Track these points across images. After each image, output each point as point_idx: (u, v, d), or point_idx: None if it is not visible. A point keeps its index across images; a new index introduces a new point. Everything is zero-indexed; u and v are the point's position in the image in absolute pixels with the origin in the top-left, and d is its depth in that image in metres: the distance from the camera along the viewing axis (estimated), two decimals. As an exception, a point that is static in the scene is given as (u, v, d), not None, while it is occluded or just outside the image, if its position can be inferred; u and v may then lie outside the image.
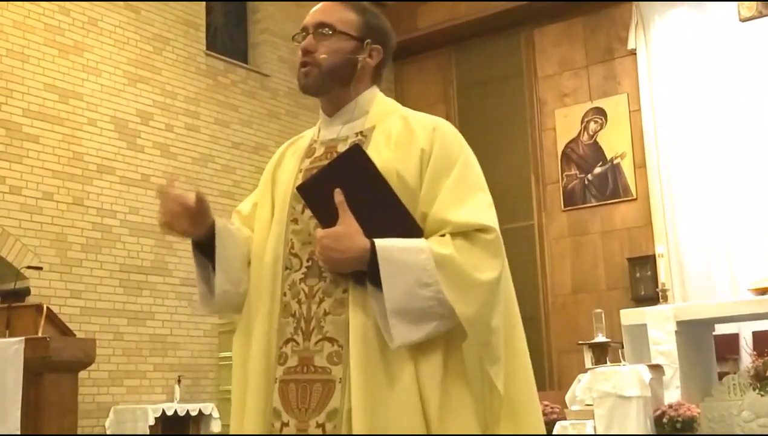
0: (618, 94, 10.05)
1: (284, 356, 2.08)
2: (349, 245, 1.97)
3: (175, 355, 8.44)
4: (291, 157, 2.30)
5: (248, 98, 9.70)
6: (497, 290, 2.02)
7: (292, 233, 2.14)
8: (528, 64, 10.74)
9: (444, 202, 2.03)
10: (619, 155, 9.92)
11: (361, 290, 2.01)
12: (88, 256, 7.88)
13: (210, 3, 9.68)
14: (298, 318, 2.08)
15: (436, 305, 1.95)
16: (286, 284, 2.12)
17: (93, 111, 8.12)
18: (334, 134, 2.23)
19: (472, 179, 2.10)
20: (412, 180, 2.06)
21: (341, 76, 2.19)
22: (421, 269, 1.94)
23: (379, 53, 2.24)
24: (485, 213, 2.04)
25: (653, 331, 6.63)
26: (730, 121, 9.13)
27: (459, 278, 1.96)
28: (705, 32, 9.39)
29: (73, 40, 8.06)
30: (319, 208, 2.05)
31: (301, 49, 2.20)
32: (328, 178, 2.03)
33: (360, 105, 2.23)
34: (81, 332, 7.37)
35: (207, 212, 2.17)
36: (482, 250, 1.99)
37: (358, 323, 1.99)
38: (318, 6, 2.27)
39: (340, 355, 2.01)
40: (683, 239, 9.30)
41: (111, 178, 8.16)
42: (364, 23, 2.22)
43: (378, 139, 2.15)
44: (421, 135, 2.11)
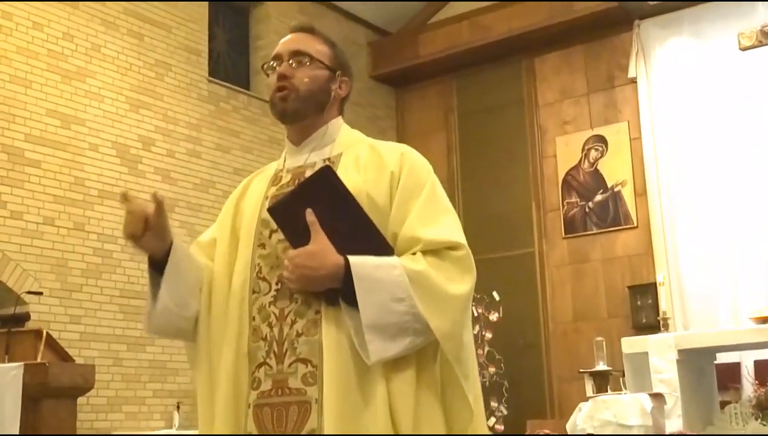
0: (619, 122, 10.08)
1: (257, 381, 2.08)
2: (323, 262, 1.99)
3: (174, 381, 8.40)
4: (256, 186, 2.32)
5: (250, 124, 9.73)
6: (468, 306, 2.07)
7: (259, 257, 2.16)
8: (529, 91, 10.78)
9: (414, 221, 2.07)
10: (619, 183, 9.93)
11: (333, 310, 2.02)
12: (88, 281, 7.87)
13: (212, 30, 9.74)
14: (269, 341, 2.08)
15: (411, 319, 1.97)
16: (255, 308, 2.12)
17: (95, 136, 8.14)
18: (300, 161, 2.27)
19: (441, 201, 2.15)
20: (383, 201, 2.09)
21: (317, 103, 2.26)
22: (394, 284, 1.97)
23: (347, 85, 2.34)
24: (455, 231, 2.09)
25: (654, 359, 6.60)
26: (730, 150, 9.15)
27: (432, 293, 1.99)
28: (705, 61, 9.44)
29: (76, 66, 8.10)
30: (291, 229, 2.06)
31: (278, 75, 2.25)
32: (299, 198, 2.05)
33: (328, 133, 2.29)
34: (80, 358, 7.35)
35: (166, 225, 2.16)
36: (453, 265, 2.04)
37: (332, 342, 2.00)
38: (289, 37, 2.33)
39: (314, 375, 2.02)
40: (684, 267, 9.29)
41: (112, 204, 8.17)
42: (335, 56, 2.32)
43: (347, 164, 2.19)
44: (390, 159, 2.16)
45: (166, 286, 2.16)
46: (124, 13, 8.60)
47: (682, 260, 9.32)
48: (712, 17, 9.43)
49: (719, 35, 9.21)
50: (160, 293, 2.16)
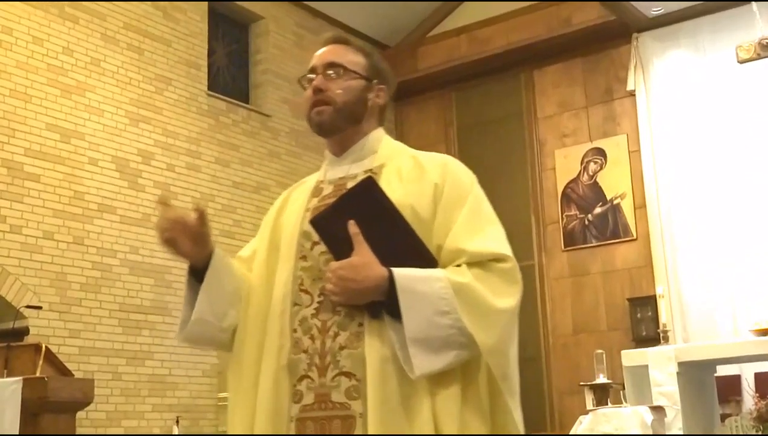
0: (617, 134, 10.10)
1: (299, 394, 2.05)
2: (367, 275, 1.96)
3: (173, 395, 8.39)
4: (296, 199, 2.30)
5: (249, 138, 9.74)
6: (514, 319, 2.01)
7: (301, 269, 2.12)
8: (528, 104, 10.80)
9: (459, 233, 2.03)
10: (619, 196, 9.94)
11: (377, 323, 1.99)
12: (87, 295, 7.87)
13: (212, 44, 9.76)
14: (311, 354, 2.05)
15: (455, 333, 1.93)
16: (296, 320, 2.09)
17: (94, 150, 8.15)
18: (342, 173, 2.24)
19: (486, 212, 2.11)
20: (426, 213, 2.06)
21: (353, 114, 2.22)
22: (439, 297, 1.93)
23: (385, 94, 2.29)
24: (500, 243, 2.05)
25: (655, 372, 6.59)
26: (729, 162, 9.16)
27: (477, 306, 1.95)
28: (703, 74, 9.46)
29: (75, 81, 8.11)
30: (333, 241, 2.03)
31: (313, 88, 2.23)
32: (342, 210, 2.02)
33: (368, 144, 2.25)
34: (79, 372, 7.33)
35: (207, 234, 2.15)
36: (499, 278, 1.99)
37: (375, 356, 1.97)
38: (324, 49, 2.32)
39: (358, 389, 1.98)
40: (684, 279, 9.29)
41: (111, 218, 8.17)
42: (371, 65, 2.27)
43: (389, 176, 2.15)
44: (433, 171, 2.13)
45: (203, 296, 2.14)
46: (123, 28, 8.63)
47: (681, 272, 9.31)
48: (710, 30, 9.46)
49: (717, 48, 9.24)
50: (197, 302, 2.14)
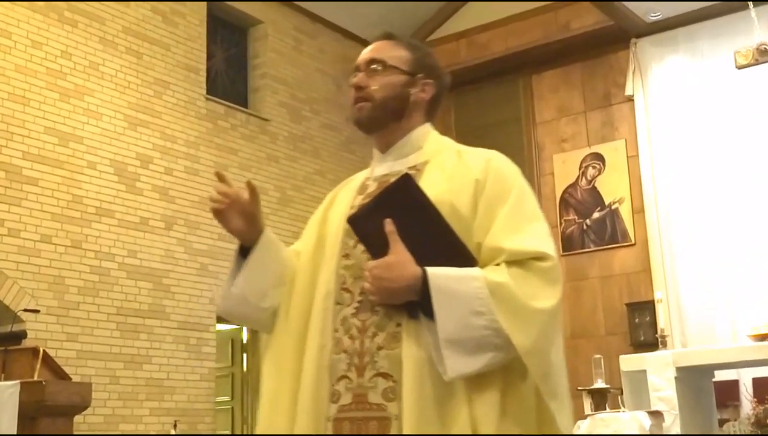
0: (616, 139, 10.11)
1: (337, 394, 2.03)
2: (401, 274, 1.93)
3: (171, 399, 8.37)
4: (343, 197, 2.29)
5: (248, 142, 9.74)
6: (555, 320, 1.95)
7: (343, 268, 2.11)
8: (526, 109, 10.80)
9: (498, 230, 1.98)
10: (617, 200, 9.95)
11: (414, 324, 1.95)
12: (85, 299, 7.86)
13: (211, 48, 9.77)
14: (350, 354, 2.03)
15: (491, 334, 1.88)
16: (338, 319, 2.07)
17: (93, 154, 8.15)
18: (386, 170, 2.22)
19: (528, 209, 2.07)
20: (466, 211, 2.02)
21: (393, 110, 2.19)
22: (474, 297, 1.89)
23: (432, 88, 2.24)
24: (542, 241, 2.00)
25: (653, 377, 6.59)
26: (727, 167, 9.17)
27: (514, 306, 1.90)
28: (702, 79, 9.47)
29: (74, 84, 8.11)
30: (370, 239, 2.01)
31: (353, 86, 2.21)
32: (378, 209, 2.00)
33: (413, 140, 2.22)
34: (77, 376, 7.32)
35: (258, 213, 2.17)
36: (539, 278, 1.94)
37: (412, 357, 1.94)
38: (370, 46, 2.29)
39: (395, 391, 1.95)
40: (682, 284, 9.29)
41: (110, 222, 8.17)
42: (415, 59, 2.23)
43: (431, 173, 2.12)
44: (475, 166, 2.09)
45: (245, 273, 2.14)
46: (122, 32, 8.63)
47: (680, 277, 9.32)
48: (708, 35, 9.47)
49: (716, 53, 9.25)
50: (238, 280, 2.15)
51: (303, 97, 10.53)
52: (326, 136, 10.74)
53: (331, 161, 10.72)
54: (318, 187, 10.46)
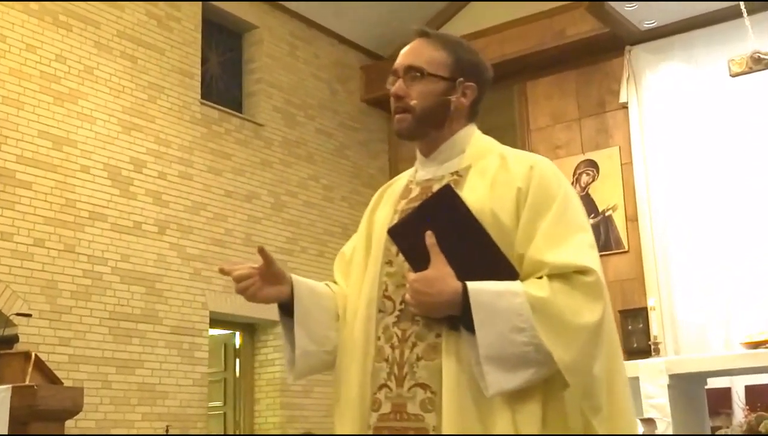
0: (610, 147, 10.12)
1: (378, 403, 2.02)
2: (441, 289, 1.90)
3: (163, 404, 8.35)
4: (388, 198, 2.26)
5: (242, 147, 9.73)
6: (599, 335, 1.90)
7: (386, 275, 2.09)
8: (521, 116, 10.81)
9: (541, 243, 1.94)
10: (610, 208, 9.95)
11: (454, 336, 1.93)
12: (78, 303, 7.84)
13: (206, 53, 9.76)
14: (391, 363, 2.02)
15: (532, 350, 1.85)
16: (380, 328, 2.06)
17: (87, 158, 8.14)
18: (429, 175, 2.18)
19: (572, 219, 2.01)
20: (508, 220, 1.98)
21: (434, 120, 2.15)
22: (515, 313, 1.86)
23: (473, 90, 2.21)
24: (585, 254, 1.96)
25: (646, 384, 6.58)
26: (721, 175, 9.18)
27: (556, 322, 1.86)
28: (696, 87, 9.49)
29: (68, 88, 8.10)
30: (410, 251, 1.99)
31: (392, 95, 2.16)
32: (419, 220, 1.97)
33: (456, 144, 2.18)
34: (69, 380, 7.30)
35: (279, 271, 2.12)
36: (581, 293, 1.90)
37: (452, 369, 1.92)
38: (407, 47, 2.22)
39: (433, 402, 1.94)
40: (675, 291, 9.29)
41: (103, 226, 8.15)
42: (455, 61, 2.18)
43: (473, 179, 2.09)
44: (518, 173, 2.05)
45: (299, 331, 2.12)
46: (117, 36, 8.62)
47: (673, 284, 9.32)
48: (702, 43, 9.49)
49: (710, 61, 9.27)
50: (296, 339, 2.12)
51: (297, 103, 10.53)
52: (320, 142, 10.74)
53: (325, 167, 10.72)
54: (311, 192, 10.45)
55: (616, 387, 1.99)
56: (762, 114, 8.90)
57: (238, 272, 2.11)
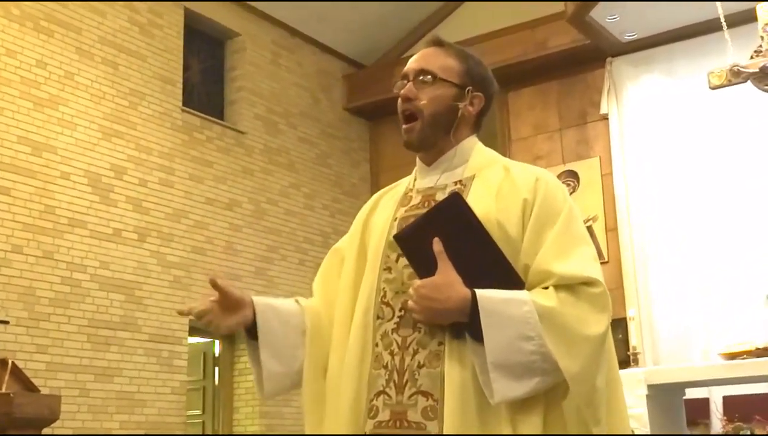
0: (590, 157, 10.16)
1: (375, 409, 2.01)
2: (450, 295, 1.90)
3: (142, 413, 8.30)
4: (386, 205, 2.25)
5: (223, 155, 9.71)
6: (603, 347, 1.94)
7: (384, 281, 2.08)
8: (502, 126, 10.85)
9: (547, 253, 1.96)
10: (591, 218, 9.99)
11: (457, 343, 1.94)
12: (56, 310, 7.78)
13: (187, 60, 9.74)
14: (390, 370, 2.01)
15: (539, 359, 1.87)
16: (378, 334, 2.05)
17: (67, 164, 8.09)
18: (431, 183, 2.18)
19: (577, 232, 2.03)
20: (514, 231, 1.99)
21: (442, 125, 2.15)
22: (523, 321, 1.87)
23: (480, 101, 2.20)
24: (591, 266, 1.97)
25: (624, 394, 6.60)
26: (700, 186, 9.24)
27: (563, 332, 1.88)
28: (676, 98, 9.55)
29: (48, 94, 8.06)
30: (417, 257, 1.99)
31: (401, 97, 2.16)
32: (426, 227, 1.97)
33: (460, 154, 2.17)
34: (46, 388, 7.25)
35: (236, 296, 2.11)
36: (588, 303, 1.92)
37: (455, 377, 1.92)
38: (419, 53, 2.22)
39: (435, 410, 1.94)
40: (655, 302, 9.33)
41: (82, 233, 8.10)
42: (466, 70, 2.18)
43: (478, 189, 2.09)
44: (524, 185, 2.06)
45: (265, 352, 2.12)
46: (98, 42, 8.59)
47: (652, 295, 9.36)
48: (682, 56, 9.56)
49: (690, 73, 9.33)
50: (262, 361, 2.12)
51: (279, 111, 10.52)
52: (302, 150, 10.73)
53: (306, 175, 10.71)
54: (293, 200, 10.44)
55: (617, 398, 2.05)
56: (740, 126, 8.97)
57: (198, 309, 2.10)
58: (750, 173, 8.86)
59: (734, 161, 9.06)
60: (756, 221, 8.79)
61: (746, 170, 8.92)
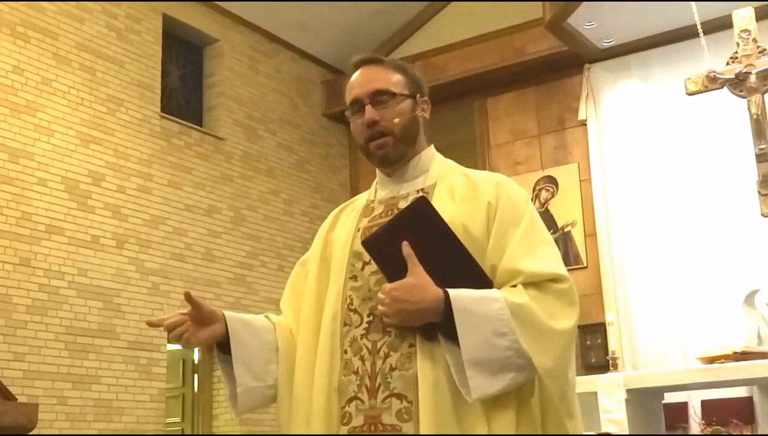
0: (569, 163, 10.21)
1: (348, 416, 2.02)
2: (423, 296, 1.92)
3: (120, 420, 8.25)
4: (346, 218, 2.27)
5: (202, 161, 9.68)
6: (572, 341, 1.98)
7: (350, 289, 2.10)
8: (481, 132, 10.88)
9: (514, 253, 2.00)
10: (569, 224, 10.03)
11: (429, 344, 1.96)
12: (33, 318, 7.72)
13: (166, 66, 9.70)
14: (361, 375, 2.02)
15: (513, 355, 1.90)
16: (346, 341, 2.06)
17: (44, 171, 8.04)
18: (393, 193, 2.21)
19: (541, 233, 2.08)
20: (479, 233, 2.03)
21: (412, 137, 2.20)
22: (496, 318, 1.90)
23: (428, 105, 2.26)
24: (556, 263, 2.02)
25: (603, 399, 6.63)
26: (677, 192, 9.30)
27: (535, 328, 1.91)
28: (653, 104, 9.61)
29: (25, 100, 8.00)
30: (386, 262, 2.00)
31: (368, 122, 2.16)
32: (394, 231, 1.99)
33: (421, 163, 2.22)
34: (23, 396, 7.19)
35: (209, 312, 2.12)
36: (556, 299, 1.96)
37: (428, 377, 1.94)
38: (362, 76, 2.23)
39: (410, 411, 1.95)
40: (633, 307, 9.38)
41: (60, 239, 8.05)
42: (410, 80, 2.23)
43: (441, 195, 2.13)
44: (486, 189, 2.10)
45: (239, 368, 2.13)
46: (76, 48, 8.54)
47: (631, 300, 9.40)
48: (659, 62, 9.62)
49: (667, 80, 9.40)
50: (236, 376, 2.13)
51: (258, 117, 10.50)
52: (281, 156, 10.71)
53: (285, 181, 10.69)
54: (272, 206, 10.42)
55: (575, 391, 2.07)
56: (717, 132, 9.04)
57: (168, 322, 2.11)
58: (727, 179, 8.92)
59: (711, 167, 9.12)
60: (733, 225, 8.86)
61: (723, 176, 8.99)
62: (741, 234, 8.78)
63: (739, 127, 7.95)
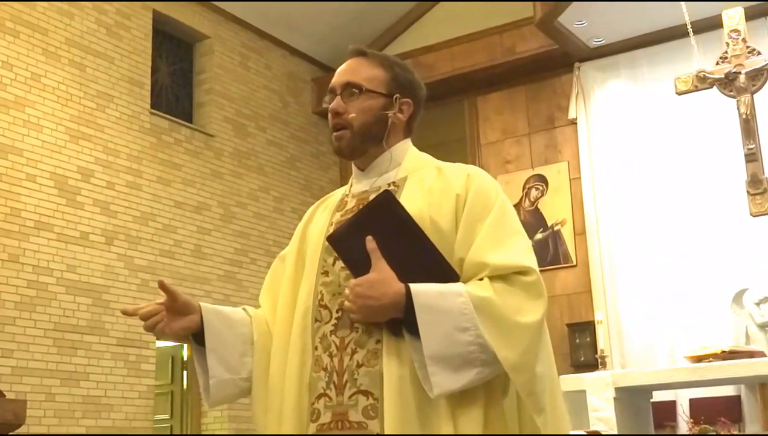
0: (559, 162, 10.23)
1: (317, 413, 2.01)
2: (385, 291, 1.91)
3: (109, 417, 8.23)
4: (322, 213, 2.27)
5: (192, 158, 9.66)
6: (540, 334, 1.94)
7: (321, 284, 2.09)
8: (471, 130, 10.89)
9: (481, 245, 1.97)
10: (559, 222, 10.05)
11: (395, 340, 1.94)
12: (21, 314, 7.70)
13: (156, 62, 9.68)
14: (330, 372, 2.01)
15: (476, 350, 1.87)
16: (317, 337, 2.05)
17: (33, 167, 8.01)
18: (366, 187, 2.20)
19: (510, 223, 2.05)
20: (447, 226, 2.01)
21: (372, 135, 2.17)
22: (459, 312, 1.87)
23: (409, 106, 2.22)
24: (525, 255, 1.99)
25: (592, 397, 6.65)
26: (667, 191, 9.33)
27: (499, 322, 1.88)
28: (643, 103, 9.64)
29: (14, 96, 7.97)
30: (351, 257, 1.99)
31: (330, 111, 2.18)
32: (359, 226, 1.98)
33: (393, 158, 2.19)
34: (11, 393, 7.16)
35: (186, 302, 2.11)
36: (523, 292, 1.93)
37: (393, 374, 1.92)
38: (344, 65, 2.23)
39: (376, 408, 1.93)
40: (622, 306, 9.40)
41: (49, 236, 8.02)
42: (392, 78, 2.20)
43: (411, 188, 2.11)
44: (456, 182, 2.08)
45: (212, 359, 2.11)
46: (65, 44, 8.51)
47: (620, 298, 9.43)
48: (649, 62, 9.65)
49: (657, 79, 9.43)
50: (209, 367, 2.11)
51: (248, 114, 10.49)
52: (271, 153, 10.70)
53: (275, 178, 10.68)
54: (262, 203, 10.41)
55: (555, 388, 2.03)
56: (706, 131, 9.07)
57: (144, 311, 2.11)
58: (715, 179, 8.95)
59: (700, 167, 9.15)
60: (722, 225, 8.89)
61: (712, 176, 9.02)
62: (730, 234, 8.82)
63: (728, 127, 7.99)
